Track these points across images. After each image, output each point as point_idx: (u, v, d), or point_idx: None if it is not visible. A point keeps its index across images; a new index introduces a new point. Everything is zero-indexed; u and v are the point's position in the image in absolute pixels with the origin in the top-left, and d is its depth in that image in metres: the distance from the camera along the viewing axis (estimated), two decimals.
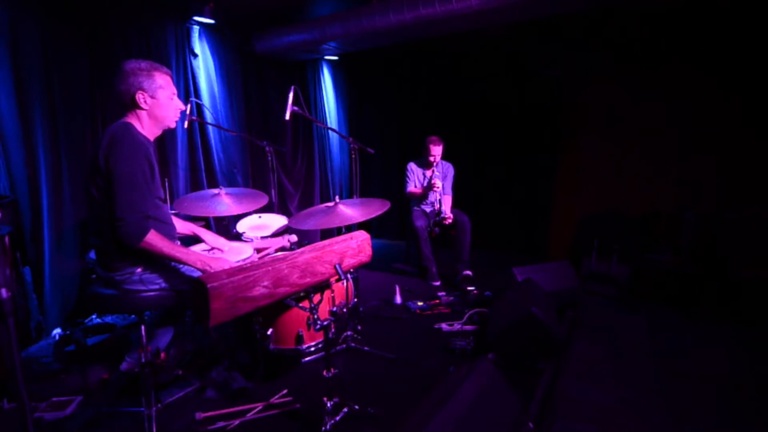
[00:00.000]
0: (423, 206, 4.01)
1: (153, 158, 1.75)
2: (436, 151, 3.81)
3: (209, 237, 2.22)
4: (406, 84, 5.45)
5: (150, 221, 1.70)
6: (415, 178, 4.02)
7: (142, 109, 1.76)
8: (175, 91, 1.85)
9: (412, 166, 4.04)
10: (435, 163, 3.86)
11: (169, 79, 1.82)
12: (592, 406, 2.10)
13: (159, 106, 1.79)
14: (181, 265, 1.84)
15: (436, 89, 5.26)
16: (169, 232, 1.87)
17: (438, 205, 3.77)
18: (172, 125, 1.87)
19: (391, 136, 5.65)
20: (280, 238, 2.63)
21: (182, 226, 2.16)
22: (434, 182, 3.71)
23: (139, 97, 1.73)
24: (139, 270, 1.77)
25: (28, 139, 2.77)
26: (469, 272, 3.68)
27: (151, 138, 1.83)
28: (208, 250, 2.22)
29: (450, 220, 3.72)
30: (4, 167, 2.70)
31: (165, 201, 1.91)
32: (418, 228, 3.75)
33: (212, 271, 1.73)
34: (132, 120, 1.77)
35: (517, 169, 4.85)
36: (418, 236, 3.75)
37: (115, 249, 1.71)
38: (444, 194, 3.88)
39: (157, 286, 1.79)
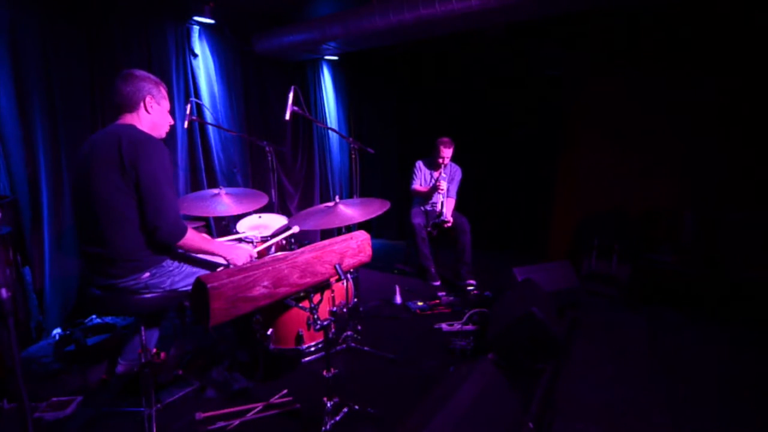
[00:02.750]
0: (424, 206, 3.99)
1: None
2: (447, 153, 3.78)
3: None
4: (406, 84, 5.45)
5: None
6: (422, 176, 3.99)
7: (147, 112, 1.81)
8: (169, 107, 1.94)
9: (420, 164, 4.01)
10: (443, 165, 3.84)
11: (167, 94, 1.93)
12: (592, 406, 2.10)
13: (160, 115, 1.87)
14: (184, 266, 1.86)
15: (436, 89, 5.26)
16: None
17: (440, 207, 3.75)
18: (163, 136, 1.93)
19: (391, 135, 5.65)
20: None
21: None
22: (438, 183, 3.68)
23: (149, 100, 1.80)
24: (145, 276, 1.75)
25: (28, 139, 2.76)
26: (473, 281, 3.68)
27: None
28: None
29: (449, 224, 3.71)
30: (4, 167, 2.70)
31: None
32: (416, 225, 3.73)
33: (238, 262, 1.88)
34: (134, 122, 1.79)
35: (517, 169, 4.84)
36: (416, 234, 3.74)
37: (119, 254, 1.69)
38: (448, 197, 3.83)
39: (160, 290, 1.80)
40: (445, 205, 3.77)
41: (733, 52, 3.46)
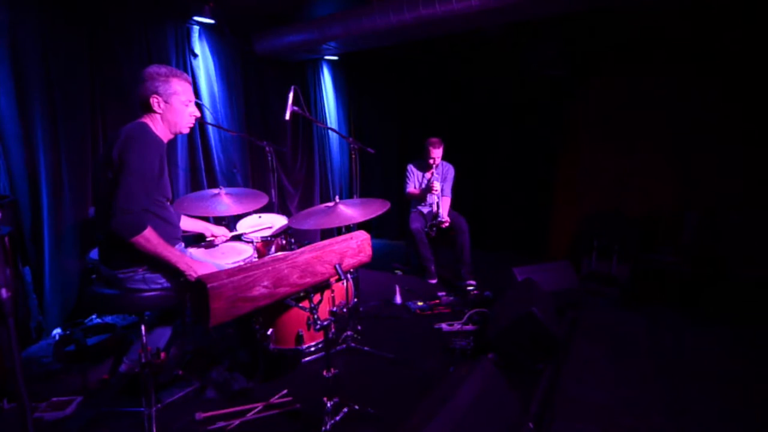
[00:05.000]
0: (421, 207, 4.00)
1: (164, 158, 1.81)
2: (436, 153, 3.81)
3: (216, 229, 2.40)
4: (406, 84, 5.45)
5: (149, 217, 1.73)
6: (415, 179, 4.02)
7: (155, 112, 1.81)
8: (193, 99, 1.88)
9: (411, 167, 4.04)
10: (434, 166, 3.86)
11: (187, 85, 1.86)
12: (592, 406, 2.10)
13: (172, 111, 1.83)
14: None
15: (436, 89, 5.26)
16: (172, 234, 1.87)
17: (436, 208, 3.77)
18: (185, 131, 1.91)
19: (391, 136, 5.65)
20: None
21: (192, 225, 2.30)
22: (432, 185, 3.71)
23: (153, 100, 1.79)
24: (142, 269, 1.78)
25: (28, 139, 2.76)
26: (473, 282, 3.68)
27: (164, 140, 1.86)
28: (205, 246, 2.27)
29: (446, 224, 3.72)
30: (4, 167, 2.70)
31: (171, 201, 1.92)
32: (415, 231, 3.76)
33: (195, 276, 1.74)
34: (147, 121, 1.82)
35: (517, 169, 4.84)
36: (416, 239, 3.77)
37: (116, 244, 1.71)
38: (443, 196, 3.85)
39: (158, 286, 1.80)
40: (441, 204, 3.79)
41: (734, 53, 3.46)
